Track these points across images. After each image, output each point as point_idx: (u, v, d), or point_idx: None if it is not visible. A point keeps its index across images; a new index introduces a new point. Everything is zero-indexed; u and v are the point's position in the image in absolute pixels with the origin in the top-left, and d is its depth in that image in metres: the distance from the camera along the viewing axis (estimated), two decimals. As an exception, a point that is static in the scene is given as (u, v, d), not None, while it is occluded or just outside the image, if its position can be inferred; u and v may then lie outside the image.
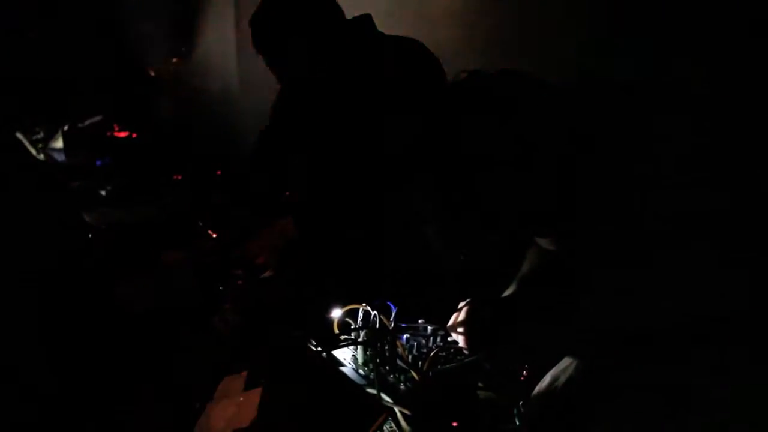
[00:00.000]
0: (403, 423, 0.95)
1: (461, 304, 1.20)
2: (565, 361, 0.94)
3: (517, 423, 0.99)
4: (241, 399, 0.97)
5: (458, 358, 1.17)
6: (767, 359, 0.84)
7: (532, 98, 0.89)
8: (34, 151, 3.48)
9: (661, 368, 0.87)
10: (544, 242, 1.12)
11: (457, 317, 1.19)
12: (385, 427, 0.96)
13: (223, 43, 3.23)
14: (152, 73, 4.17)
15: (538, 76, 0.92)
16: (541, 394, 0.94)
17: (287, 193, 2.03)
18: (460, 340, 1.17)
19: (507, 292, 1.21)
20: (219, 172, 3.06)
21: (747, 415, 0.84)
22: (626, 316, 0.91)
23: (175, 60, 4.06)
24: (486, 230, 0.94)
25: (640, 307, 0.90)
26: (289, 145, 1.79)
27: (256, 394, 0.95)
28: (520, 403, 1.02)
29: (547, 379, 0.94)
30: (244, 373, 1.00)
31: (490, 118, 0.87)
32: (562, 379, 0.91)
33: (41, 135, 3.59)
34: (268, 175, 1.84)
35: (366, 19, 1.60)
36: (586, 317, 0.92)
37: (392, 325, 1.18)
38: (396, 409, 0.96)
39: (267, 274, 1.57)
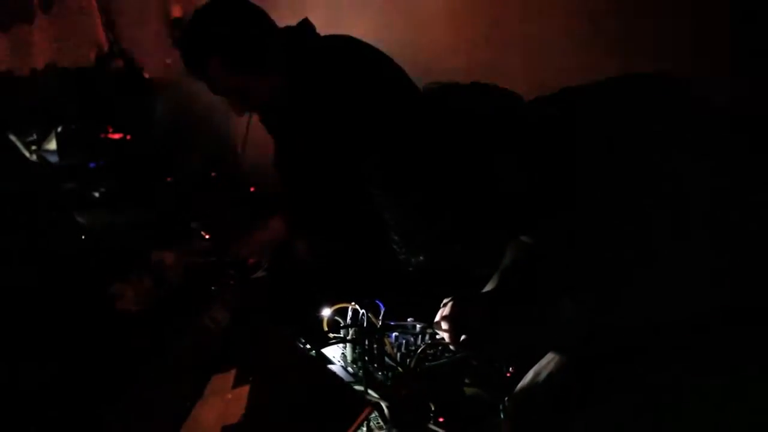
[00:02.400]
0: (389, 417, 0.97)
1: (445, 301, 1.22)
2: (548, 357, 0.95)
3: (502, 418, 1.01)
4: (230, 396, 0.98)
5: (446, 355, 1.19)
6: (756, 357, 0.86)
7: (499, 119, 0.89)
8: (27, 153, 3.48)
9: (646, 364, 0.89)
10: (524, 237, 1.14)
11: (442, 314, 1.20)
12: (372, 423, 0.98)
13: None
14: (146, 75, 4.18)
15: (509, 90, 0.94)
16: (523, 389, 0.95)
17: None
18: (445, 337, 1.18)
19: (489, 287, 1.22)
20: (213, 174, 3.07)
21: (735, 415, 0.85)
22: (611, 312, 0.93)
23: (169, 61, 4.07)
24: (446, 242, 0.96)
25: (625, 304, 0.91)
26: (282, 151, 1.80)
27: (245, 392, 0.96)
28: (506, 398, 1.03)
29: (530, 375, 0.96)
30: (234, 371, 1.02)
31: (454, 137, 0.88)
32: (544, 374, 0.93)
33: (34, 137, 3.60)
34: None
35: (301, 27, 1.60)
36: (569, 313, 0.93)
37: (381, 323, 1.20)
38: (382, 404, 0.98)
39: (257, 274, 1.59)
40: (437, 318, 1.21)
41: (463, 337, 1.16)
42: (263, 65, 1.50)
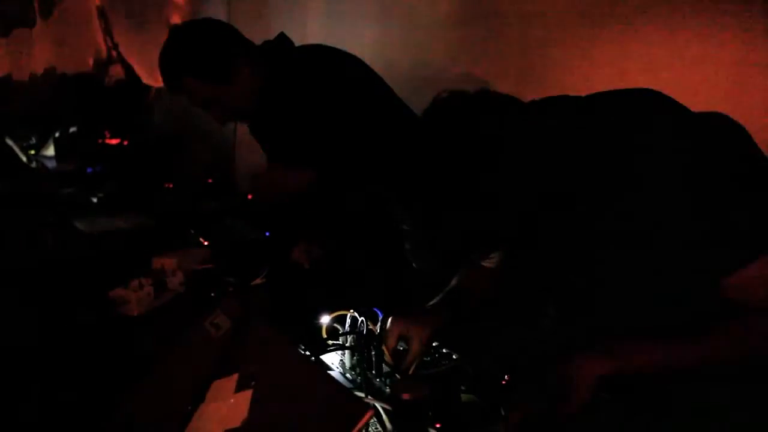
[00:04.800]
0: (387, 423, 0.99)
1: (388, 321, 1.21)
2: (544, 363, 0.97)
3: (498, 425, 1.03)
4: (232, 401, 1.00)
5: (443, 362, 1.21)
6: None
7: (508, 131, 0.90)
8: (25, 159, 3.49)
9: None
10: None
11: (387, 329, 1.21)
12: (371, 429, 1.00)
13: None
14: (144, 81, 4.20)
15: (516, 97, 0.95)
16: (520, 395, 0.98)
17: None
18: (386, 351, 1.19)
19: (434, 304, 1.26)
20: (210, 180, 3.08)
21: (729, 420, 0.87)
22: (604, 318, 0.96)
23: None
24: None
25: (608, 308, 0.94)
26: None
27: (246, 397, 0.98)
28: (501, 405, 1.05)
29: (526, 381, 0.98)
30: (235, 376, 1.03)
31: (469, 150, 0.89)
32: (540, 380, 0.95)
33: (33, 141, 3.61)
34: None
35: (279, 39, 1.71)
36: (554, 318, 0.96)
37: (379, 330, 1.23)
38: (380, 409, 1.00)
39: (257, 281, 1.61)
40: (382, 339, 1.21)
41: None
42: (232, 77, 1.63)
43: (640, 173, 0.87)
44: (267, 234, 2.04)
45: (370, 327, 1.24)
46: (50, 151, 3.50)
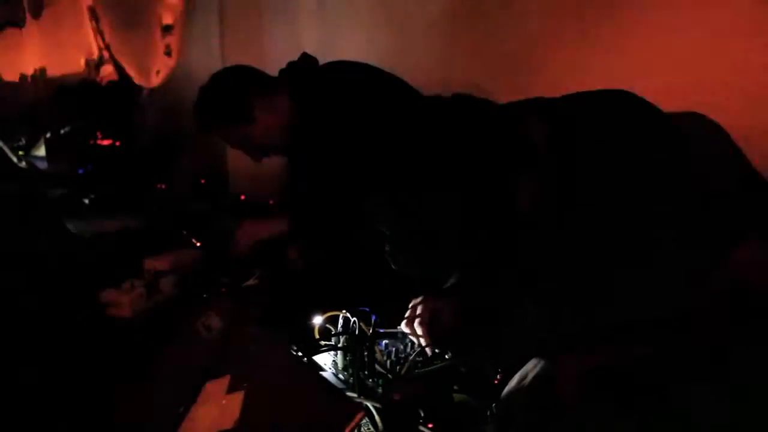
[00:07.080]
0: (379, 423, 0.99)
1: (414, 302, 1.24)
2: (534, 361, 0.98)
3: (490, 423, 1.04)
4: (224, 403, 1.00)
5: (435, 362, 1.21)
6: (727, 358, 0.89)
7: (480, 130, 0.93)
8: (15, 159, 3.46)
9: (630, 365, 0.92)
10: None
11: (413, 315, 1.23)
12: (363, 429, 1.01)
13: (207, 52, 3.26)
14: (135, 81, 4.18)
15: (492, 101, 0.97)
16: (509, 392, 0.98)
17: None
18: (420, 340, 1.21)
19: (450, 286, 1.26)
20: (203, 181, 3.08)
21: (720, 418, 0.88)
22: (592, 315, 0.96)
23: (158, 69, 4.08)
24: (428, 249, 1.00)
25: (604, 308, 0.95)
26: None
27: (238, 398, 0.98)
28: (493, 405, 1.06)
29: (515, 378, 0.99)
30: (227, 377, 1.03)
31: (444, 146, 0.91)
32: (529, 377, 0.96)
33: (23, 142, 3.58)
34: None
35: (302, 61, 1.78)
36: (533, 313, 0.97)
37: (371, 331, 1.23)
38: (372, 409, 1.00)
39: (249, 282, 1.60)
40: (409, 320, 1.23)
41: (437, 337, 1.20)
42: (254, 116, 1.75)
43: (617, 178, 0.89)
44: None
45: (363, 327, 1.24)
46: (41, 151, 3.47)
